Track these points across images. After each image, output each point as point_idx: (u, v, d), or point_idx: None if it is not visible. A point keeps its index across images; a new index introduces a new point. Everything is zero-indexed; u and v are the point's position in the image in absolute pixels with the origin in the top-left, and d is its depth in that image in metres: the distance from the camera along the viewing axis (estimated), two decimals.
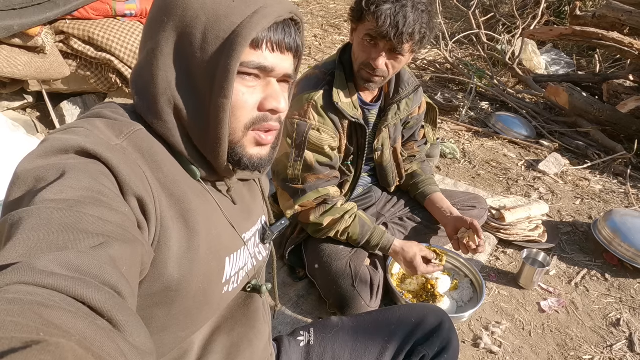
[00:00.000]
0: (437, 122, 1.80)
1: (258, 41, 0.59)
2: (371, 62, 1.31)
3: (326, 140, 1.40)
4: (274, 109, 0.63)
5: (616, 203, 2.45)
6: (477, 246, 1.47)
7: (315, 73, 1.46)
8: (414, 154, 1.78)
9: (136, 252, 0.48)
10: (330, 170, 1.46)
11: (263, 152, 0.66)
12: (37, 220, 0.42)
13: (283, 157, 1.43)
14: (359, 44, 1.33)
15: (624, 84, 3.32)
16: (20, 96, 2.23)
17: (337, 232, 1.48)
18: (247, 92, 0.61)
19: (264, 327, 0.83)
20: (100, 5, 2.05)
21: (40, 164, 0.50)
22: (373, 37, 1.27)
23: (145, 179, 0.56)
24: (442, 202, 1.68)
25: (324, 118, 1.39)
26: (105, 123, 0.59)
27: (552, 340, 1.58)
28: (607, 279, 1.90)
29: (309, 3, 5.52)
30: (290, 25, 0.63)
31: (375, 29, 1.23)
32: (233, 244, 0.72)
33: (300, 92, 1.43)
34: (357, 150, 1.52)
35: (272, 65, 0.61)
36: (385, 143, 1.59)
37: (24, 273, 0.36)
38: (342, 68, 1.42)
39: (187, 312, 0.65)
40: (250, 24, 0.57)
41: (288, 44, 0.62)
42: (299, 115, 1.39)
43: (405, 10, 1.21)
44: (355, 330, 1.02)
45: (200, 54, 0.58)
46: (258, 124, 0.63)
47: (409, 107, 1.58)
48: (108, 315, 0.36)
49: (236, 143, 0.63)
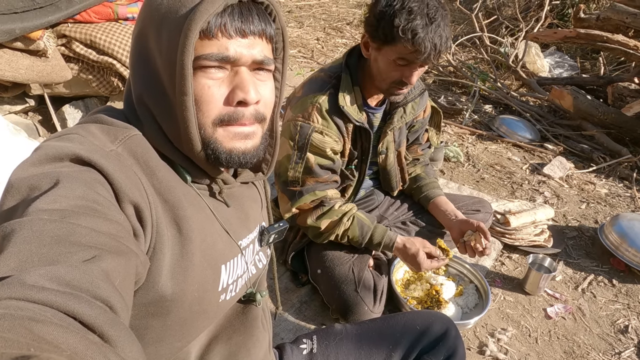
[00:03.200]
0: (441, 126, 1.79)
1: (211, 28, 0.55)
2: (405, 79, 1.31)
3: (329, 143, 1.39)
4: (242, 101, 0.58)
5: (622, 207, 2.42)
6: (484, 248, 1.45)
7: (320, 76, 1.45)
8: (418, 157, 1.76)
9: (130, 263, 0.48)
10: (330, 174, 1.45)
11: (243, 147, 0.61)
12: (29, 233, 0.41)
13: (284, 160, 1.41)
14: (389, 64, 1.29)
15: (628, 86, 3.29)
16: (22, 100, 2.23)
17: (337, 235, 1.46)
18: (213, 84, 0.58)
19: (263, 335, 0.81)
20: (102, 8, 2.05)
21: (34, 172, 0.49)
22: (410, 60, 1.26)
23: (141, 185, 0.56)
24: (446, 206, 1.66)
25: (328, 121, 1.38)
26: (100, 128, 0.58)
27: (559, 347, 1.55)
28: (615, 285, 1.87)
29: (311, 6, 5.53)
30: (251, 7, 0.58)
31: (416, 55, 1.22)
32: (229, 251, 0.70)
33: (305, 94, 1.42)
34: (360, 154, 1.51)
35: (235, 54, 0.57)
36: (390, 146, 1.58)
37: (14, 288, 0.35)
38: (349, 72, 1.40)
39: (183, 321, 0.64)
40: (196, 12, 0.53)
41: (249, 28, 0.57)
42: (302, 118, 1.38)
43: (439, 29, 1.21)
44: (359, 338, 1.00)
45: (159, 53, 0.57)
46: (227, 121, 0.59)
47: (415, 111, 1.57)
48: (100, 330, 0.36)
49: (208, 140, 0.60)
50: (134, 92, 0.60)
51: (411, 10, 1.20)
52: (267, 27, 0.60)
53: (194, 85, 0.57)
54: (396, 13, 1.21)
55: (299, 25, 4.79)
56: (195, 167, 0.64)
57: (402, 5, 1.21)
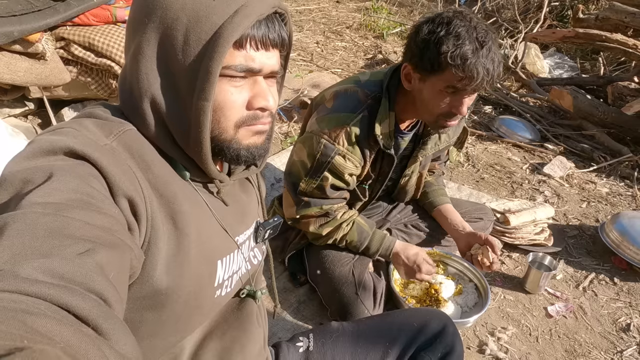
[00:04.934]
0: (465, 144, 1.68)
1: (241, 41, 0.57)
2: (454, 110, 1.20)
3: (349, 168, 1.33)
4: (263, 107, 0.62)
5: (623, 206, 2.41)
6: (491, 263, 1.41)
7: (356, 92, 1.34)
8: (434, 171, 1.74)
9: (124, 256, 0.47)
10: (340, 192, 1.41)
11: (259, 141, 0.65)
12: (23, 226, 0.41)
13: (300, 165, 1.36)
14: (437, 94, 1.20)
15: (628, 86, 3.28)
16: (22, 103, 2.23)
17: (336, 239, 1.46)
18: (235, 91, 0.60)
19: (258, 331, 0.80)
20: (101, 11, 2.05)
21: (27, 165, 0.49)
22: (459, 88, 1.16)
23: (136, 179, 0.55)
24: (453, 216, 1.61)
25: (354, 147, 1.30)
26: (94, 123, 0.58)
27: (560, 346, 1.54)
28: (616, 283, 1.85)
29: (311, 11, 5.55)
30: (274, 19, 0.61)
31: (467, 82, 1.13)
32: (225, 247, 0.70)
33: (336, 110, 1.33)
34: (377, 175, 1.44)
35: (259, 66, 0.60)
36: (415, 170, 1.54)
37: (7, 281, 0.35)
38: (388, 96, 1.30)
39: (178, 316, 0.64)
40: (231, 24, 0.55)
41: (273, 40, 0.60)
42: (328, 137, 1.29)
43: (490, 53, 1.12)
44: (356, 335, 1.00)
45: (182, 56, 0.57)
46: (249, 122, 0.63)
47: (450, 138, 1.49)
48: (94, 323, 0.36)
49: (230, 141, 0.62)
50: (140, 88, 0.59)
51: (459, 36, 1.11)
52: (285, 39, 0.63)
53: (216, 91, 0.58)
54: (442, 39, 1.12)
55: (299, 29, 4.80)
56: (195, 166, 0.64)
57: (448, 31, 1.12)
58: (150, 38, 0.58)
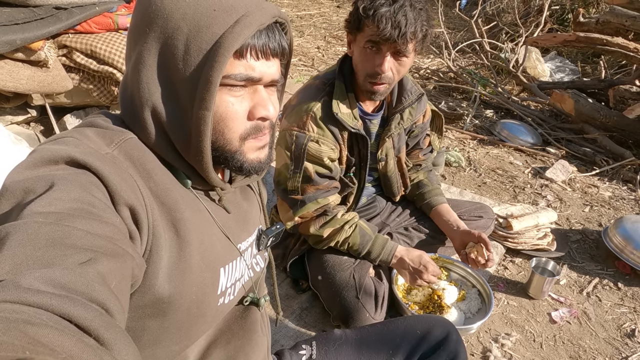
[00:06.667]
0: (443, 130, 1.77)
1: (242, 50, 0.58)
2: (376, 68, 1.27)
3: (325, 152, 1.38)
4: (264, 117, 0.62)
5: (626, 210, 2.40)
6: (486, 261, 1.42)
7: (314, 83, 1.44)
8: (420, 163, 1.75)
9: (126, 266, 0.47)
10: (329, 181, 1.44)
11: (262, 155, 0.66)
12: (24, 236, 0.41)
13: (283, 168, 1.40)
14: (361, 53, 1.29)
15: (630, 89, 3.28)
16: (24, 110, 2.24)
17: (337, 242, 1.45)
18: (236, 102, 0.60)
19: (261, 340, 0.80)
20: (103, 19, 2.06)
21: (29, 175, 0.49)
22: (375, 42, 1.24)
23: (137, 188, 0.55)
24: (448, 215, 1.63)
25: (323, 130, 1.37)
26: (95, 132, 0.59)
27: (564, 352, 1.53)
28: (620, 288, 1.84)
29: (312, 16, 5.57)
30: (274, 29, 0.61)
31: (377, 32, 1.21)
32: (228, 254, 0.70)
33: (299, 102, 1.40)
34: (359, 161, 1.50)
35: (259, 75, 0.60)
36: (389, 153, 1.57)
37: (9, 291, 0.35)
38: (342, 78, 1.39)
39: (181, 324, 0.63)
40: (232, 34, 0.55)
41: (273, 49, 0.61)
42: (297, 127, 1.36)
43: (404, 9, 1.20)
44: (359, 343, 0.99)
45: (183, 65, 0.57)
46: (253, 135, 0.63)
47: (413, 116, 1.56)
48: (95, 333, 0.36)
49: (234, 152, 0.63)
50: (141, 97, 0.59)
51: None
52: (286, 48, 0.64)
53: (216, 102, 0.58)
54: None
55: (300, 34, 4.82)
56: (196, 174, 0.64)
57: None
58: (151, 47, 0.58)
